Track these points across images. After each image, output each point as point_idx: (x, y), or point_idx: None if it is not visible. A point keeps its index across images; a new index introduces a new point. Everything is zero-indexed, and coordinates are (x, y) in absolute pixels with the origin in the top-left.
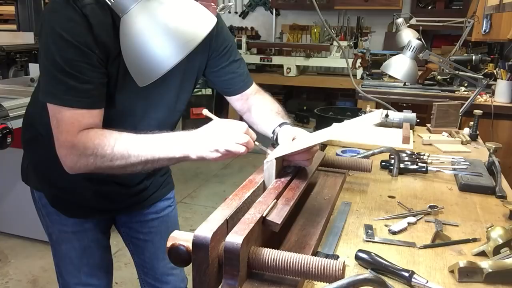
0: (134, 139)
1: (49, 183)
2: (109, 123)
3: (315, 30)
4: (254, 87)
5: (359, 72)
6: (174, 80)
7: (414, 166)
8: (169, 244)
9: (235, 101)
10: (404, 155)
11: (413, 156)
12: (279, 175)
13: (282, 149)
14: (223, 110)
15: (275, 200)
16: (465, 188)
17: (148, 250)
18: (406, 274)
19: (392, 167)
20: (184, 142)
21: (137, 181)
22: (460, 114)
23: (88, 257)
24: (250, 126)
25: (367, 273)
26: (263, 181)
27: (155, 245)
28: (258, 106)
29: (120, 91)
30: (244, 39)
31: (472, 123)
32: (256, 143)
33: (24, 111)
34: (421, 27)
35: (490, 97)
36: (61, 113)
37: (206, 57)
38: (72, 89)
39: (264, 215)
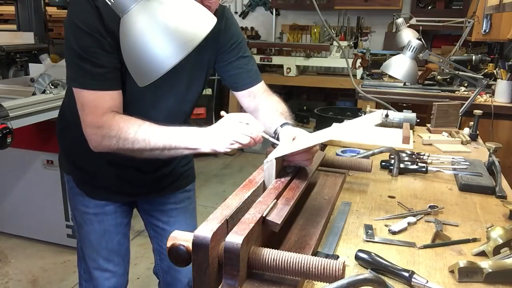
0: (155, 128)
1: (77, 166)
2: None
3: (315, 30)
4: (262, 86)
5: (359, 72)
6: (184, 71)
7: (414, 166)
8: (169, 244)
9: (242, 98)
10: (404, 155)
11: (413, 156)
12: (279, 175)
13: (282, 149)
14: (222, 110)
15: (275, 200)
16: (465, 188)
17: (166, 238)
18: (406, 274)
19: (392, 167)
20: (198, 136)
21: (153, 167)
22: (460, 114)
23: (106, 241)
24: None
25: (367, 273)
26: (263, 181)
27: None
28: (264, 106)
29: (130, 78)
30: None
31: (472, 123)
32: (263, 133)
33: (24, 111)
34: (421, 27)
35: (490, 97)
36: (83, 96)
37: (215, 51)
38: (89, 72)
39: (264, 215)
